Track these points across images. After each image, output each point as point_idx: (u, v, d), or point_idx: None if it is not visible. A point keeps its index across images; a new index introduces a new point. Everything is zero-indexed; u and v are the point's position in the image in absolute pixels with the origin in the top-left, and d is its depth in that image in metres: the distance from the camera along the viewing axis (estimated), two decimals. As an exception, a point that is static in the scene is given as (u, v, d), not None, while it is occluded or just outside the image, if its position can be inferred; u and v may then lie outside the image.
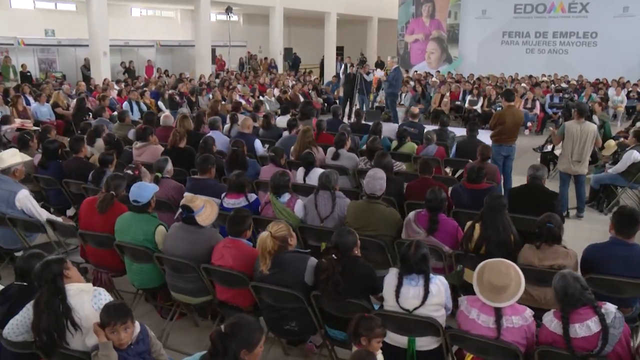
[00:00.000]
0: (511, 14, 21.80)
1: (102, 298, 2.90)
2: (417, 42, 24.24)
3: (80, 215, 4.67)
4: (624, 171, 7.24)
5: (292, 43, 28.22)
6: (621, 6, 19.88)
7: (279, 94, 13.91)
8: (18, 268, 3.10)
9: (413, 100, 14.93)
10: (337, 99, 17.33)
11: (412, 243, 3.23)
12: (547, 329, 2.91)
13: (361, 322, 2.90)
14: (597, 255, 3.80)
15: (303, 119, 9.39)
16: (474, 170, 5.18)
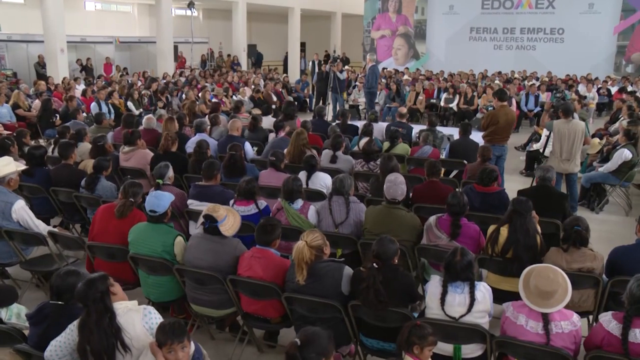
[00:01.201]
0: (479, 9, 22.28)
1: (153, 317, 2.88)
2: (384, 38, 24.50)
3: (94, 222, 4.57)
4: (614, 170, 7.53)
5: (254, 39, 28.10)
6: (586, 3, 20.59)
7: (252, 93, 13.84)
8: (54, 287, 3.03)
9: (387, 98, 15.11)
10: (307, 97, 17.40)
11: (457, 250, 3.31)
12: (603, 329, 3.03)
13: (413, 330, 2.96)
14: (625, 258, 3.97)
15: (286, 119, 9.41)
16: (486, 173, 5.31)
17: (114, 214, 4.46)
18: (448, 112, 14.43)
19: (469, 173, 6.49)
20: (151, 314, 2.90)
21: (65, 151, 6.02)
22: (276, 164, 6.05)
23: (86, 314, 2.77)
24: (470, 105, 14.40)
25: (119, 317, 2.80)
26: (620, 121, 9.37)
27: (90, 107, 11.39)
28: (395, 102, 15.07)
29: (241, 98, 13.11)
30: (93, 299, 2.76)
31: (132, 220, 4.42)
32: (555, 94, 14.20)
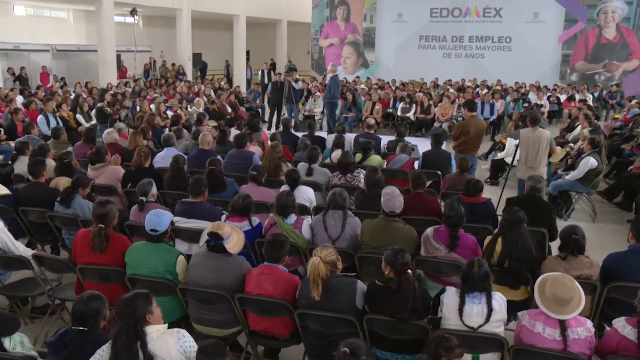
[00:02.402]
0: (428, 18, 22.96)
1: (188, 340, 2.95)
2: (333, 47, 24.88)
3: (76, 247, 4.52)
4: (581, 178, 7.97)
5: (197, 47, 27.96)
6: (532, 12, 21.58)
7: (207, 105, 13.81)
8: (77, 312, 3.04)
9: (344, 108, 15.36)
10: (259, 108, 17.46)
11: (475, 262, 3.50)
12: (619, 334, 3.28)
13: (440, 342, 3.10)
14: (618, 264, 4.27)
15: (252, 132, 9.49)
16: (472, 184, 5.56)
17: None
18: (405, 122, 14.80)
19: (448, 184, 6.74)
20: (185, 337, 2.97)
21: (36, 169, 5.91)
22: (257, 179, 6.12)
23: (119, 335, 2.80)
24: (428, 114, 14.83)
25: (152, 342, 2.85)
26: (582, 130, 9.90)
27: (37, 121, 11.08)
28: (351, 113, 15.36)
29: (196, 110, 13.06)
30: (127, 322, 2.79)
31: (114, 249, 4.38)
32: (523, 104, 14.78)
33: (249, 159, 7.44)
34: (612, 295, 4.19)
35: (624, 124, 13.11)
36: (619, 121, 13.66)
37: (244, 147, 7.53)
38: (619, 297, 4.18)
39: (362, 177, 6.82)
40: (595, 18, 21.00)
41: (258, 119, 9.68)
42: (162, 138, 7.88)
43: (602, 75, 21.13)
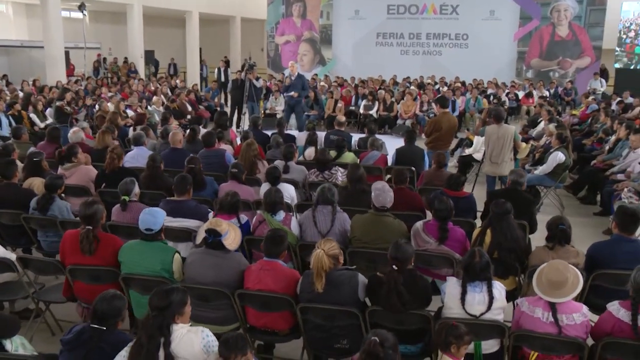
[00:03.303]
0: (384, 14, 23.32)
1: (211, 338, 3.07)
2: (289, 44, 24.97)
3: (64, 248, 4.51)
4: (550, 172, 8.34)
5: (149, 45, 27.60)
6: (488, 9, 22.22)
7: (167, 103, 13.74)
8: (99, 311, 3.09)
9: (306, 106, 15.49)
10: (218, 106, 17.42)
11: (476, 252, 3.70)
12: (613, 317, 3.53)
13: (449, 330, 3.29)
14: (602, 252, 4.56)
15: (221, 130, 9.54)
16: (454, 178, 5.80)
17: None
18: (368, 119, 15.03)
19: (425, 179, 6.97)
20: (209, 336, 3.10)
21: (8, 170, 5.83)
22: (238, 176, 6.20)
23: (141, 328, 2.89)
24: (390, 111, 15.13)
25: (175, 342, 2.94)
26: (547, 125, 10.32)
27: (-11, 120, 10.84)
28: (313, 110, 15.52)
29: (156, 108, 12.99)
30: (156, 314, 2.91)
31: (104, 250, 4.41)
32: (492, 100, 15.18)
33: (222, 157, 7.51)
34: (597, 282, 4.46)
35: (582, 120, 13.71)
36: (576, 117, 14.26)
37: (212, 145, 7.59)
38: (603, 284, 4.45)
39: (340, 174, 6.99)
40: (549, 16, 21.78)
41: (226, 116, 9.72)
42: (132, 137, 7.86)
43: (556, 72, 21.92)
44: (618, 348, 3.50)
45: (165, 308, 2.97)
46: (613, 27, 22.04)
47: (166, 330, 2.95)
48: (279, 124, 9.61)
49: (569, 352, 3.54)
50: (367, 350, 2.78)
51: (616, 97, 15.96)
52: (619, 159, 8.96)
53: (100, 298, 3.15)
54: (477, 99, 15.85)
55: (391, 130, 14.76)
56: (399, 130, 14.49)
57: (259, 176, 7.02)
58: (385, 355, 2.75)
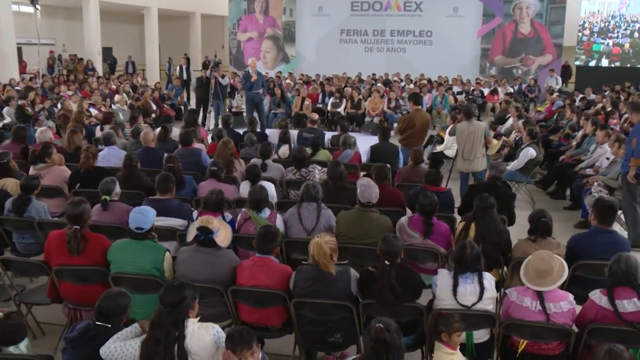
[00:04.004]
0: (348, 11, 23.53)
1: (221, 334, 3.17)
2: (251, 41, 24.95)
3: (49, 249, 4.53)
4: (521, 167, 8.64)
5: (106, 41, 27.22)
6: (451, 6, 22.65)
7: (132, 102, 13.65)
8: (105, 308, 3.16)
9: (273, 104, 15.60)
10: (181, 104, 17.35)
11: (466, 244, 3.89)
12: (596, 305, 3.75)
13: (440, 319, 3.50)
14: (582, 244, 4.81)
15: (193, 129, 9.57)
16: (433, 174, 5.99)
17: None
18: (336, 117, 15.22)
19: (402, 176, 7.16)
20: (219, 332, 3.21)
21: (-20, 171, 5.79)
22: (217, 174, 6.29)
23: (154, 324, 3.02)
24: (358, 109, 15.33)
25: (187, 338, 3.04)
26: (516, 122, 10.65)
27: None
28: (280, 108, 15.61)
29: (120, 107, 12.89)
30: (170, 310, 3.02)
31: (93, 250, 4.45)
32: (467, 97, 15.46)
33: (197, 156, 7.56)
34: (577, 273, 4.70)
35: (547, 116, 14.16)
36: (542, 113, 14.72)
37: (190, 144, 7.64)
38: (582, 274, 4.70)
39: (317, 171, 7.12)
40: (511, 13, 22.31)
41: (197, 115, 9.75)
42: (103, 136, 7.85)
43: (519, 69, 22.47)
44: (603, 333, 3.72)
45: (179, 303, 3.07)
46: (573, 25, 22.79)
47: (181, 325, 3.05)
48: (251, 122, 9.69)
49: (556, 339, 3.75)
50: (375, 337, 2.92)
51: (578, 94, 16.51)
52: (587, 154, 9.33)
53: (106, 296, 3.22)
54: (445, 96, 16.18)
55: (360, 128, 14.95)
56: (368, 127, 14.73)
57: (235, 174, 7.10)
58: (391, 339, 2.92)
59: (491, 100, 17.46)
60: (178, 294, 3.09)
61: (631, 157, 6.86)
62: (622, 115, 12.51)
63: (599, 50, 23.57)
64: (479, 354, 3.90)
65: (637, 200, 7.27)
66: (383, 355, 2.90)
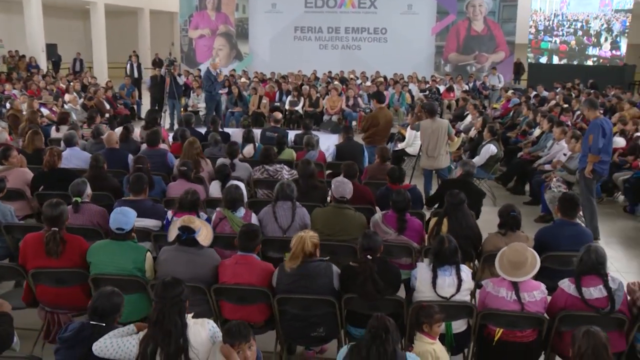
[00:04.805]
0: (302, 8, 23.75)
1: (217, 329, 3.31)
2: (203, 38, 24.87)
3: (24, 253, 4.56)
4: (483, 164, 8.99)
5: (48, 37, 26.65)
6: (405, 4, 23.14)
7: (84, 101, 13.51)
8: (99, 307, 3.24)
9: (230, 103, 15.65)
10: (134, 104, 17.22)
11: (444, 238, 4.13)
12: (565, 293, 4.04)
13: (421, 311, 3.73)
14: (548, 236, 5.13)
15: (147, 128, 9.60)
16: (396, 171, 6.24)
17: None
18: (294, 115, 15.39)
19: (369, 173, 7.38)
20: (215, 327, 3.35)
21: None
22: (187, 174, 6.38)
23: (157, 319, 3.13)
24: (316, 107, 15.54)
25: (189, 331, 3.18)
26: (476, 119, 11.03)
27: None
28: (237, 107, 15.67)
29: (72, 106, 12.76)
30: (172, 302, 3.14)
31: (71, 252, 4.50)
32: (428, 95, 15.79)
33: (163, 156, 7.61)
34: (545, 264, 4.99)
35: (503, 113, 14.66)
36: (498, 110, 15.21)
37: (156, 144, 7.69)
38: (550, 265, 4.99)
39: (285, 171, 7.27)
40: (465, 10, 22.96)
41: (157, 115, 9.77)
42: (64, 137, 7.79)
43: (473, 66, 23.10)
44: (572, 320, 4.00)
45: (180, 295, 3.19)
46: (525, 23, 23.57)
47: (184, 317, 3.17)
48: (213, 121, 9.78)
49: (530, 327, 4.02)
50: (376, 324, 3.13)
51: (532, 91, 17.13)
52: (544, 151, 9.77)
53: (99, 295, 3.33)
54: (402, 94, 16.53)
55: (318, 127, 15.14)
56: (327, 126, 14.94)
57: (202, 174, 7.19)
58: (390, 324, 3.13)
59: (447, 97, 17.93)
60: (177, 287, 3.22)
61: (588, 153, 7.26)
62: (575, 112, 13.10)
63: (547, 48, 24.49)
64: (457, 343, 4.15)
65: (594, 194, 7.71)
66: (382, 336, 3.08)
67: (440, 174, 8.85)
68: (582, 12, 23.60)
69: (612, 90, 17.31)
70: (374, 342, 3.09)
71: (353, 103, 15.51)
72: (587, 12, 23.52)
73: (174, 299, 3.16)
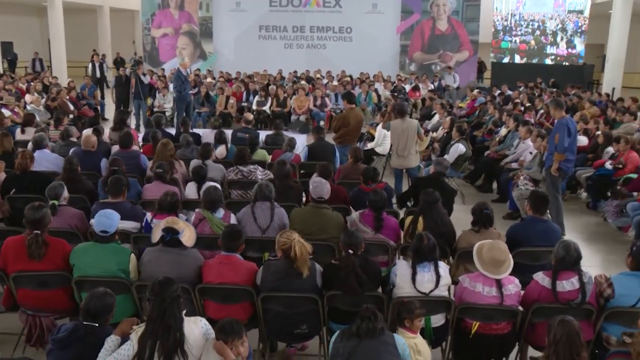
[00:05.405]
0: (267, 7, 23.80)
1: (209, 326, 3.46)
2: (166, 37, 24.73)
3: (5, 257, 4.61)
4: (452, 163, 9.25)
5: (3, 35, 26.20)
6: (370, 3, 23.41)
7: (47, 102, 13.39)
8: (92, 308, 3.35)
9: (197, 103, 15.66)
10: (97, 104, 17.09)
11: (423, 236, 4.33)
12: (539, 285, 4.27)
13: (402, 307, 3.92)
14: (520, 232, 5.38)
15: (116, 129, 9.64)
16: (370, 171, 6.43)
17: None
18: (262, 115, 15.49)
19: (342, 173, 7.56)
20: (207, 325, 3.50)
21: None
22: (163, 176, 6.47)
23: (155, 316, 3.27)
24: (284, 107, 15.67)
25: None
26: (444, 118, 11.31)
27: None
28: (204, 107, 15.70)
29: (35, 107, 12.65)
30: (171, 298, 3.28)
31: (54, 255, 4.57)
32: (398, 96, 16.00)
33: (136, 158, 7.67)
34: (516, 259, 5.22)
35: (469, 112, 15.02)
36: (464, 109, 15.58)
37: (129, 146, 7.74)
38: (521, 260, 5.23)
39: (259, 172, 7.40)
40: (429, 10, 23.32)
41: (126, 116, 9.79)
42: (34, 139, 7.78)
43: (437, 65, 23.49)
44: (544, 312, 4.24)
45: (176, 291, 3.33)
46: (488, 22, 24.08)
47: (182, 312, 3.32)
48: (184, 123, 9.85)
49: (505, 319, 4.25)
50: (365, 310, 3.39)
51: (496, 90, 17.58)
52: (511, 149, 10.10)
53: (92, 296, 3.43)
54: (368, 93, 16.77)
55: (287, 127, 15.26)
56: (295, 126, 15.08)
57: (176, 176, 7.27)
58: (376, 313, 3.35)
59: (413, 96, 18.20)
60: (173, 285, 3.35)
61: (554, 151, 7.57)
62: (538, 111, 13.53)
63: (508, 48, 25.09)
64: (436, 337, 4.37)
65: (560, 192, 8.03)
66: (371, 317, 3.34)
67: (411, 172, 9.08)
68: (538, 12, 24.28)
69: (572, 89, 17.86)
70: (363, 321, 3.34)
71: (320, 103, 15.68)
72: (542, 12, 24.21)
73: (172, 295, 3.29)
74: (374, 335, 3.36)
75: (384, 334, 3.39)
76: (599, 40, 24.88)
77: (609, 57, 21.37)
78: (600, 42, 24.70)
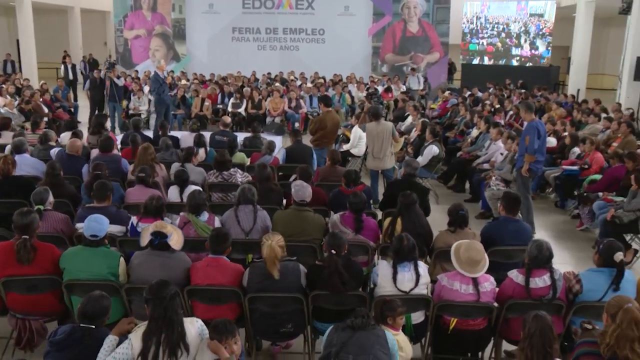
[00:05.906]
0: (240, 9, 23.84)
1: (204, 327, 3.60)
2: (139, 39, 24.62)
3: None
4: (426, 164, 9.49)
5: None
6: (342, 5, 23.61)
7: (21, 105, 13.32)
8: (88, 311, 3.46)
9: (172, 105, 15.67)
10: (71, 107, 17.01)
11: (403, 237, 4.52)
12: (513, 282, 4.49)
13: (385, 306, 4.10)
14: (493, 232, 5.60)
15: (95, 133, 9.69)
16: (352, 173, 6.61)
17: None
18: (237, 118, 15.58)
19: (320, 175, 7.72)
20: (203, 325, 3.64)
21: None
22: (145, 180, 6.57)
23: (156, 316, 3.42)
24: (259, 109, 15.78)
25: None
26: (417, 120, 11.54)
27: None
28: (180, 110, 15.73)
29: (8, 110, 12.59)
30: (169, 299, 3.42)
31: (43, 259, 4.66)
32: (373, 99, 16.20)
33: (117, 162, 7.74)
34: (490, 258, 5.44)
35: (441, 113, 15.30)
36: (436, 110, 15.86)
37: (110, 150, 7.81)
38: (495, 259, 5.44)
39: (239, 175, 7.52)
40: (400, 12, 23.60)
41: (105, 119, 9.83)
42: (13, 144, 7.81)
43: (409, 67, 23.77)
44: (518, 308, 4.47)
45: (174, 291, 3.45)
46: (458, 25, 24.47)
47: (181, 309, 3.45)
48: (162, 126, 9.92)
49: (481, 315, 4.46)
50: (360, 312, 3.61)
51: (466, 91, 17.90)
52: (482, 150, 10.37)
53: (88, 299, 3.56)
54: (342, 95, 16.96)
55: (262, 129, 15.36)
56: (270, 128, 15.20)
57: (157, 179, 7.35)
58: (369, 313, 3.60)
59: (385, 98, 18.41)
60: (169, 285, 3.50)
61: (525, 153, 7.83)
62: (507, 113, 13.86)
63: (476, 50, 25.53)
64: (416, 333, 4.57)
65: (530, 191, 8.31)
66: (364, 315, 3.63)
67: (386, 174, 9.29)
68: (502, 16, 24.78)
69: (539, 90, 18.26)
70: (356, 317, 3.55)
71: (295, 105, 15.83)
72: (506, 15, 24.71)
73: (170, 293, 3.42)
74: (367, 328, 3.57)
75: (375, 328, 3.62)
76: (564, 43, 25.44)
77: (573, 60, 21.93)
78: (566, 44, 25.26)
